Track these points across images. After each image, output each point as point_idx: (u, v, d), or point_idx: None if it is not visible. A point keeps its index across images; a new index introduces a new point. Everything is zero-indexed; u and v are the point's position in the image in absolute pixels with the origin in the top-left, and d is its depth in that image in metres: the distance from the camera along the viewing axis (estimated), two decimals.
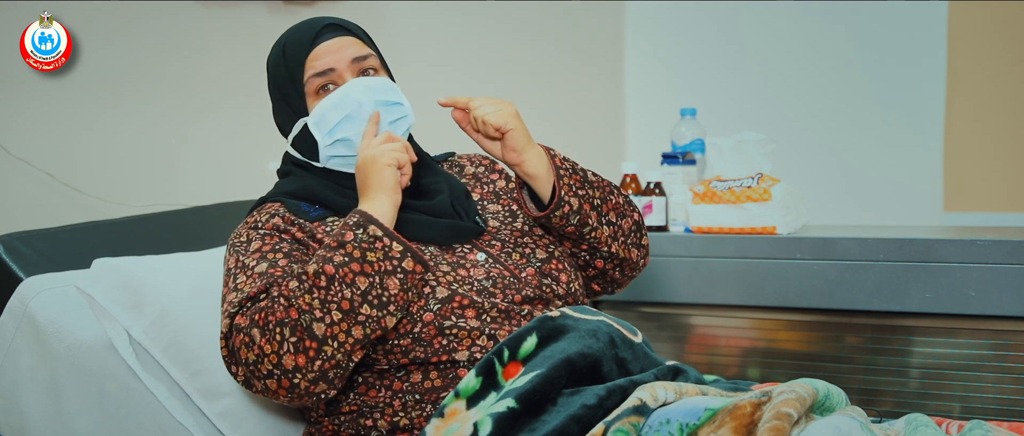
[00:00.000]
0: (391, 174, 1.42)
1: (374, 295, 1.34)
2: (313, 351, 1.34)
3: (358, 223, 1.37)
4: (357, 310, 1.34)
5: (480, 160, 1.74)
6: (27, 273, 1.73)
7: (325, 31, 1.53)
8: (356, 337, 1.35)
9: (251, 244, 1.48)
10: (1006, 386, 1.92)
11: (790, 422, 1.18)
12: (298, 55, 1.52)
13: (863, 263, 2.02)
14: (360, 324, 1.35)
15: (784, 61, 3.36)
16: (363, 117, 1.50)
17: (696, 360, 2.24)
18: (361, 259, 1.35)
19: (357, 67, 1.53)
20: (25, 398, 1.66)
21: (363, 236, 1.36)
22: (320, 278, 1.34)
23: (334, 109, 1.49)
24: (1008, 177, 3.24)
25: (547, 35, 3.29)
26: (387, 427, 1.43)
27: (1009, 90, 3.20)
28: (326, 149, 1.52)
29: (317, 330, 1.33)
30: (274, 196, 1.56)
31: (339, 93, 1.50)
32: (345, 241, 1.36)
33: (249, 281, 1.42)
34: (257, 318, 1.35)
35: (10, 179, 2.18)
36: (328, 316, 1.33)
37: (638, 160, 2.63)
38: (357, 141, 1.50)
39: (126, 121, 2.34)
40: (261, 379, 1.36)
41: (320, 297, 1.33)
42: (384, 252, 1.35)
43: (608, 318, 1.46)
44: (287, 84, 1.53)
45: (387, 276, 1.35)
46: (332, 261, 1.35)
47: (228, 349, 1.39)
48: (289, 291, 1.35)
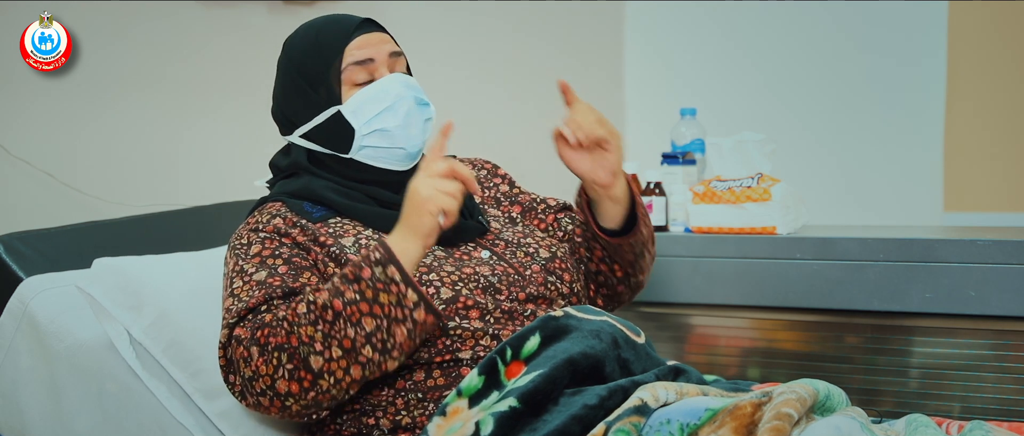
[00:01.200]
0: (432, 222, 1.36)
1: (378, 339, 1.32)
2: (308, 382, 1.33)
3: (379, 261, 1.33)
4: (359, 351, 1.32)
5: (482, 164, 1.74)
6: (27, 273, 1.73)
7: (364, 25, 1.54)
8: (354, 377, 1.34)
9: (251, 248, 1.47)
10: (1006, 386, 1.92)
11: (790, 422, 1.18)
12: (336, 43, 1.52)
13: (863, 263, 2.02)
14: (360, 365, 1.33)
15: (784, 61, 3.36)
16: (402, 111, 1.50)
17: (696, 360, 2.24)
18: (372, 300, 1.32)
19: (394, 62, 1.54)
20: (25, 398, 1.66)
21: (380, 275, 1.32)
22: (327, 311, 1.32)
23: (376, 99, 1.50)
24: (1008, 177, 3.24)
25: (547, 35, 3.29)
26: (389, 425, 1.43)
27: (1009, 90, 3.20)
28: (362, 138, 1.51)
29: (314, 363, 1.32)
30: (276, 196, 1.56)
31: (382, 84, 1.51)
32: (361, 276, 1.33)
33: (247, 289, 1.41)
34: (259, 335, 1.35)
35: (10, 179, 2.18)
36: (328, 351, 1.32)
37: (638, 160, 2.62)
38: (396, 133, 1.50)
39: (126, 121, 2.34)
40: (254, 395, 1.36)
41: (323, 330, 1.32)
42: (398, 298, 1.32)
43: (611, 318, 1.46)
44: (319, 70, 1.52)
45: (395, 323, 1.32)
46: (343, 296, 1.32)
47: (226, 359, 1.39)
48: (295, 316, 1.33)
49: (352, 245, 1.47)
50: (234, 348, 1.37)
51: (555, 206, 1.71)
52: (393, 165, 1.54)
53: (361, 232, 1.50)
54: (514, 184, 1.72)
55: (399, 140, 1.52)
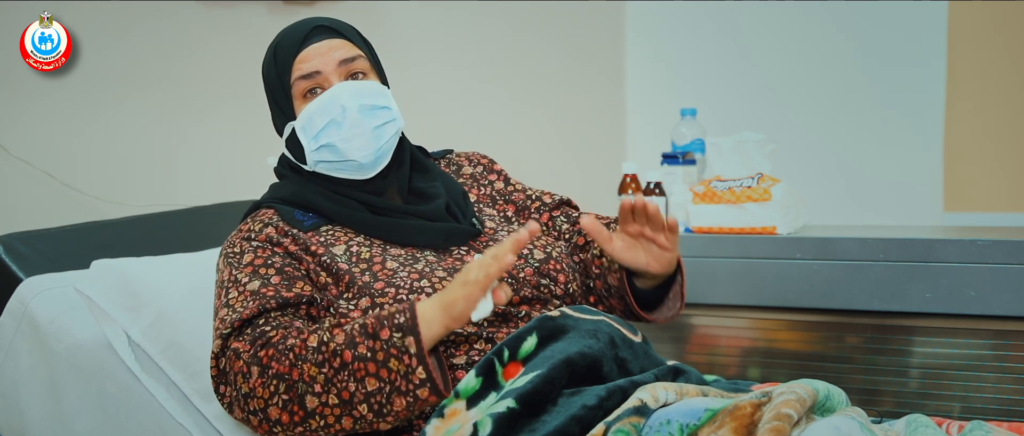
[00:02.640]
0: (464, 308, 1.30)
1: (376, 401, 1.30)
2: (298, 417, 1.32)
3: (400, 326, 1.30)
4: (355, 406, 1.31)
5: (478, 160, 1.73)
6: (27, 273, 1.73)
7: (314, 33, 1.51)
8: (344, 427, 1.32)
9: (243, 257, 1.46)
10: (1006, 386, 1.91)
11: (790, 423, 1.18)
12: (286, 58, 1.51)
13: (863, 263, 2.02)
14: (352, 418, 1.32)
15: (784, 61, 3.36)
16: (347, 122, 1.47)
17: (696, 360, 2.24)
18: (382, 363, 1.29)
19: (344, 70, 1.51)
20: (25, 398, 1.66)
21: (397, 342, 1.29)
22: (335, 359, 1.30)
23: (319, 114, 1.48)
24: (1008, 177, 3.24)
25: (547, 35, 3.29)
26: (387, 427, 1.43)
27: (1009, 90, 3.20)
28: (312, 154, 1.50)
29: (309, 403, 1.31)
30: (268, 201, 1.55)
31: (324, 98, 1.48)
32: (379, 335, 1.30)
33: (241, 299, 1.40)
34: (262, 356, 1.33)
35: (10, 179, 2.18)
36: (326, 396, 1.31)
37: (638, 160, 2.63)
38: (342, 147, 1.48)
39: (126, 121, 2.34)
40: (245, 411, 1.35)
41: (327, 374, 1.30)
42: (407, 370, 1.29)
43: (608, 318, 1.45)
44: (277, 87, 1.52)
45: (397, 393, 1.29)
46: (355, 349, 1.30)
47: (218, 369, 1.37)
48: (303, 349, 1.32)
49: (343, 253, 1.47)
50: (230, 360, 1.36)
51: (550, 204, 1.69)
52: (351, 175, 1.52)
53: (352, 238, 1.49)
54: (509, 180, 1.71)
55: (347, 153, 1.49)
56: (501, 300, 1.31)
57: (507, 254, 1.28)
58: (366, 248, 1.47)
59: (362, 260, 1.46)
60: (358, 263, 1.45)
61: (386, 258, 1.46)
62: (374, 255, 1.46)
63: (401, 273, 1.44)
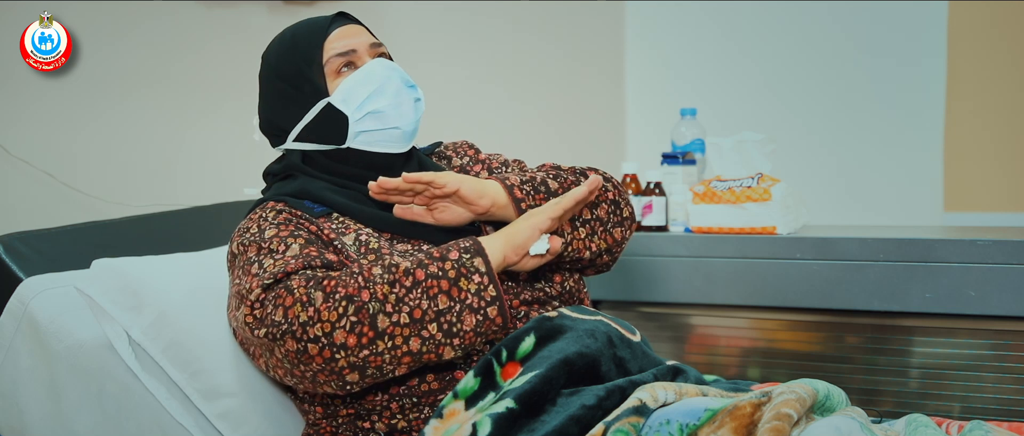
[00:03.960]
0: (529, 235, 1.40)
1: (447, 320, 1.32)
2: (366, 339, 1.31)
3: (468, 249, 1.35)
4: (425, 324, 1.32)
5: (465, 150, 1.73)
6: (27, 273, 1.73)
7: (339, 19, 1.55)
8: (412, 348, 1.32)
9: (266, 232, 1.44)
10: (1006, 386, 1.91)
11: (790, 423, 1.18)
12: (313, 40, 1.52)
13: (863, 263, 2.02)
14: (421, 339, 1.32)
15: (784, 61, 3.37)
16: (391, 91, 1.51)
17: (696, 360, 2.24)
18: (454, 280, 1.33)
19: (375, 51, 1.55)
20: (25, 398, 1.66)
21: (467, 262, 1.34)
22: (408, 277, 1.32)
23: (362, 84, 1.51)
24: (1008, 177, 3.24)
25: (547, 35, 3.29)
26: (385, 429, 1.43)
27: (1009, 90, 3.20)
28: (356, 124, 1.51)
29: (380, 322, 1.31)
30: (274, 196, 1.55)
31: (366, 69, 1.52)
32: (448, 256, 1.34)
33: (281, 261, 1.38)
34: (326, 284, 1.32)
35: (10, 179, 2.18)
36: (397, 315, 1.31)
37: (638, 160, 2.63)
38: (389, 113, 1.51)
39: (126, 121, 2.34)
40: (302, 340, 1.30)
41: (398, 293, 1.32)
42: (478, 288, 1.33)
43: (606, 317, 1.46)
44: (300, 70, 1.52)
45: (468, 310, 1.33)
46: (427, 268, 1.33)
47: (255, 317, 1.34)
48: (371, 274, 1.33)
49: (353, 243, 1.47)
50: (278, 298, 1.32)
51: None
52: (390, 147, 1.54)
53: (361, 229, 1.50)
54: (490, 166, 1.70)
55: (392, 120, 1.52)
56: (556, 246, 1.43)
57: (571, 198, 1.41)
58: (374, 239, 1.48)
59: (371, 251, 1.46)
60: (366, 254, 1.45)
61: (393, 251, 1.46)
62: (382, 247, 1.47)
63: None
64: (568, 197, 1.41)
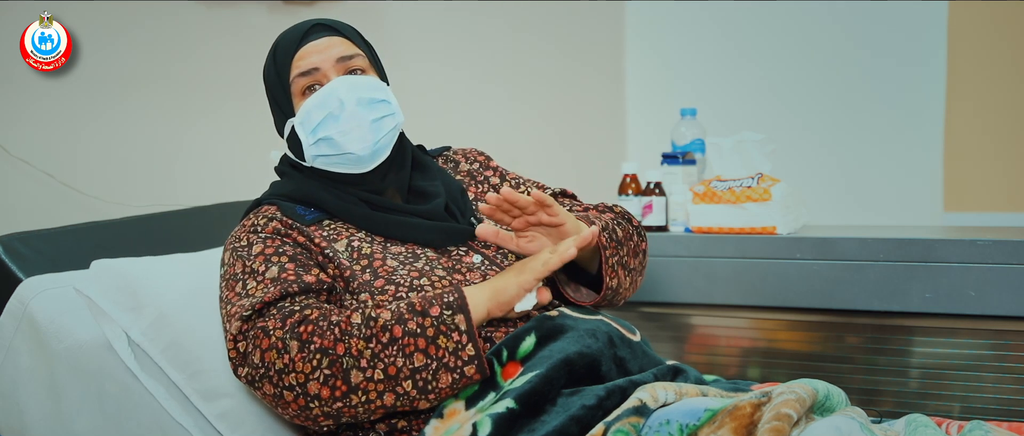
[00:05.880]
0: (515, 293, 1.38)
1: (422, 377, 1.31)
2: (340, 393, 1.31)
3: (450, 305, 1.33)
4: (400, 381, 1.31)
5: (475, 156, 1.73)
6: (27, 273, 1.73)
7: (312, 32, 1.52)
8: (385, 403, 1.32)
9: (253, 248, 1.46)
10: (1006, 386, 1.91)
11: (790, 423, 1.18)
12: (285, 57, 1.52)
13: (863, 263, 2.02)
14: (395, 394, 1.32)
15: (784, 61, 3.37)
16: (344, 116, 1.48)
17: (696, 360, 2.24)
18: (432, 339, 1.31)
19: (343, 66, 1.52)
20: (25, 398, 1.66)
21: (447, 319, 1.32)
22: (384, 334, 1.31)
23: (317, 108, 1.49)
24: (1008, 177, 3.24)
25: (547, 35, 3.29)
26: (385, 428, 1.43)
27: (1009, 90, 3.20)
28: (310, 148, 1.51)
29: (353, 377, 1.31)
30: (269, 198, 1.56)
31: (322, 92, 1.49)
32: (429, 312, 1.32)
33: (261, 286, 1.40)
34: (301, 331, 1.33)
35: (10, 179, 2.18)
36: (371, 371, 1.31)
37: (638, 160, 2.63)
38: (340, 140, 1.48)
39: (126, 121, 2.34)
40: (278, 387, 1.33)
41: (374, 349, 1.31)
42: (456, 347, 1.31)
43: (606, 317, 1.46)
44: (276, 86, 1.53)
45: (444, 369, 1.31)
46: (405, 324, 1.32)
47: (238, 352, 1.36)
48: (348, 325, 1.32)
49: (344, 249, 1.47)
50: (256, 339, 1.34)
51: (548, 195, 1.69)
52: (348, 169, 1.52)
53: (354, 234, 1.50)
54: (505, 176, 1.71)
55: (344, 146, 1.49)
56: (544, 299, 1.40)
57: (570, 248, 1.36)
58: (367, 244, 1.48)
59: (363, 256, 1.46)
60: (359, 259, 1.45)
61: (387, 256, 1.46)
62: (375, 252, 1.47)
63: (401, 271, 1.44)
64: (556, 259, 1.37)
